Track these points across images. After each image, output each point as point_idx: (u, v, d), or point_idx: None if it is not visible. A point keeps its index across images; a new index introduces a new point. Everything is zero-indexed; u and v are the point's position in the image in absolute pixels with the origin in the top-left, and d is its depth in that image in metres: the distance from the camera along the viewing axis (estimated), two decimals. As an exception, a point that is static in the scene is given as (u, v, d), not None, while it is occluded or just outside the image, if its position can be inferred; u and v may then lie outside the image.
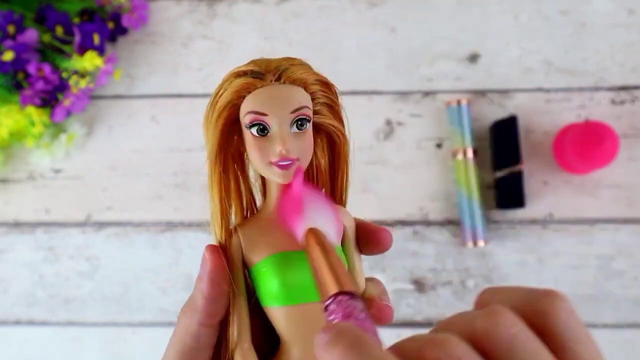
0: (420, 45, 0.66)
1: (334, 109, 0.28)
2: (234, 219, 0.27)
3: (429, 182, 0.64)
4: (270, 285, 0.25)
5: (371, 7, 0.67)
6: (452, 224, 0.64)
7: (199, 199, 0.65)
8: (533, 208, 0.63)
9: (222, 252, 0.26)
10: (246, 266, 0.26)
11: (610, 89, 0.64)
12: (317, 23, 0.67)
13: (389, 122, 0.65)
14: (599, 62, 0.65)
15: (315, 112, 0.27)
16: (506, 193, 0.62)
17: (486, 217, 0.63)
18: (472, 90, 0.65)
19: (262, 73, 0.25)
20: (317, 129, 0.27)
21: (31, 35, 0.58)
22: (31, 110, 0.59)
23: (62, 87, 0.61)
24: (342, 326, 0.19)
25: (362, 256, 0.29)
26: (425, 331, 0.67)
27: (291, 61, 0.26)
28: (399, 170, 0.65)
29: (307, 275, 0.25)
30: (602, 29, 0.65)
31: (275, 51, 0.66)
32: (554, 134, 0.63)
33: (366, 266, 0.65)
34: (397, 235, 0.64)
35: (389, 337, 0.63)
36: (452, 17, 0.66)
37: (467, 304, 0.63)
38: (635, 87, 0.64)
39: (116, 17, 0.65)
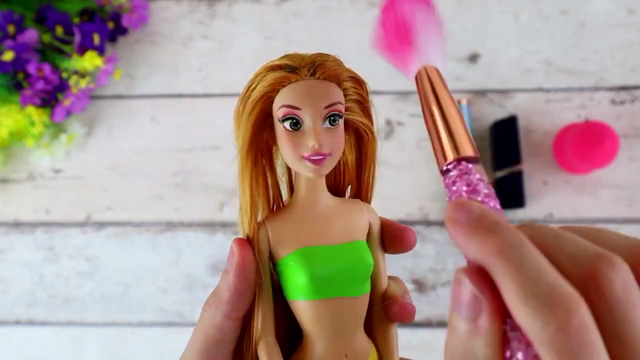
0: (420, 45, 0.66)
1: (364, 106, 0.28)
2: (260, 213, 0.27)
3: (429, 182, 0.64)
4: (297, 279, 0.25)
5: (371, 7, 0.67)
6: (452, 224, 0.64)
7: (199, 199, 0.65)
8: (533, 208, 0.63)
9: (250, 245, 0.26)
10: (272, 260, 0.26)
11: (610, 89, 0.64)
12: (317, 23, 0.67)
13: (389, 122, 0.65)
14: (599, 62, 0.65)
15: (346, 109, 0.27)
16: (506, 193, 0.62)
17: (486, 217, 0.63)
18: (472, 90, 0.65)
19: (297, 67, 0.26)
20: (347, 125, 0.27)
21: (31, 35, 0.58)
22: (31, 110, 0.59)
23: (62, 87, 0.61)
24: (478, 211, 0.19)
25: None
26: (425, 331, 0.67)
27: (325, 57, 0.26)
28: (399, 170, 0.65)
29: (334, 270, 0.25)
30: (602, 29, 0.65)
31: (275, 51, 0.66)
32: (554, 134, 0.63)
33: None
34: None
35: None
36: (452, 17, 0.66)
37: (467, 304, 0.63)
38: (635, 87, 0.64)
39: (116, 17, 0.65)
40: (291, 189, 0.28)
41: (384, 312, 0.27)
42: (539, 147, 0.64)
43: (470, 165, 0.22)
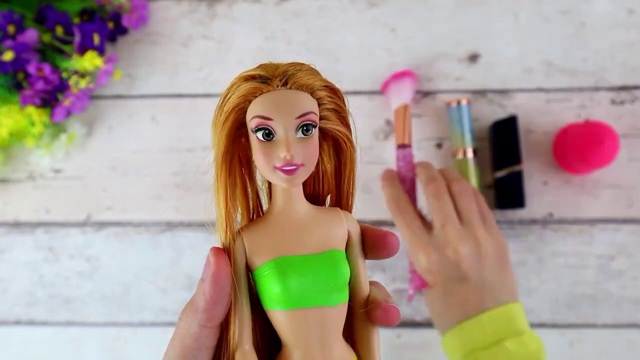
0: (420, 45, 0.66)
1: (341, 115, 0.28)
2: (240, 220, 0.27)
3: (429, 182, 0.64)
4: (272, 289, 0.25)
5: (371, 7, 0.67)
6: (452, 224, 0.64)
7: (199, 199, 0.65)
8: (533, 208, 0.63)
9: (227, 254, 0.26)
10: (249, 269, 0.27)
11: (611, 89, 0.64)
12: (317, 23, 0.67)
13: (389, 122, 0.65)
14: (599, 62, 0.65)
15: (322, 118, 0.27)
16: (506, 193, 0.62)
17: (486, 217, 0.63)
18: (472, 90, 0.65)
19: (269, 78, 0.25)
20: (324, 134, 0.27)
21: (31, 35, 0.58)
22: (31, 110, 0.59)
23: (62, 87, 0.61)
24: (390, 171, 0.57)
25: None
26: (425, 331, 0.67)
27: (299, 66, 0.26)
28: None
29: (309, 280, 0.25)
30: (602, 29, 0.65)
31: (276, 51, 0.66)
32: (554, 134, 0.63)
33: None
34: (397, 236, 0.64)
35: (389, 337, 0.64)
36: (452, 17, 0.66)
37: (467, 304, 0.63)
38: (635, 87, 0.64)
39: (116, 17, 0.65)
40: (270, 197, 0.28)
41: (367, 317, 0.28)
42: (539, 147, 0.64)
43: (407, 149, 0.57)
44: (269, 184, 0.28)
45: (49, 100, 0.61)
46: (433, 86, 0.65)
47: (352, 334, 0.28)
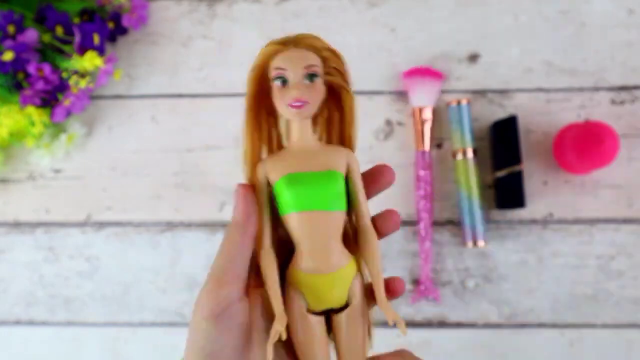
0: (420, 45, 0.66)
1: (341, 72, 0.36)
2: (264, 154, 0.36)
3: (429, 182, 0.64)
4: (285, 196, 0.34)
5: (371, 7, 0.67)
6: (452, 224, 0.64)
7: (199, 199, 0.65)
8: (533, 208, 0.63)
9: (250, 185, 0.35)
10: (270, 187, 0.35)
11: (610, 89, 0.64)
12: (317, 23, 0.67)
13: (389, 122, 0.65)
14: (599, 62, 0.65)
15: (327, 73, 0.35)
16: (506, 193, 0.62)
17: (486, 217, 0.63)
18: (472, 90, 0.65)
19: (285, 42, 0.35)
20: (331, 90, 0.36)
21: (31, 35, 0.58)
22: (31, 110, 0.59)
23: (62, 87, 0.61)
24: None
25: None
26: (425, 331, 0.67)
27: (307, 34, 0.36)
28: (399, 170, 0.65)
29: (312, 189, 0.34)
30: (602, 29, 0.65)
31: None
32: (553, 134, 0.63)
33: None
34: (397, 235, 0.64)
35: (389, 336, 0.64)
36: (452, 17, 0.66)
37: (466, 304, 0.63)
38: (635, 87, 0.64)
39: (116, 17, 0.65)
40: (289, 137, 0.36)
41: (374, 225, 0.37)
42: (539, 147, 0.64)
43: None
44: (288, 127, 0.36)
45: (49, 100, 0.61)
46: (441, 86, 0.65)
47: (357, 242, 0.37)
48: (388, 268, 0.64)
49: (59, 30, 0.61)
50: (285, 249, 0.36)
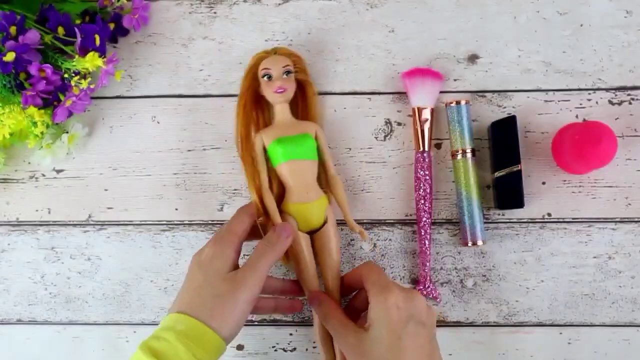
0: (420, 45, 0.66)
1: (304, 70, 0.62)
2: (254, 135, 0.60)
3: (428, 182, 0.64)
4: (277, 152, 0.57)
5: (371, 8, 0.67)
6: (452, 223, 0.64)
7: (199, 199, 0.66)
8: (532, 208, 0.64)
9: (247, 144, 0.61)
10: (265, 150, 0.58)
11: (609, 89, 0.65)
12: (317, 24, 0.67)
13: (388, 122, 0.66)
14: (597, 63, 0.65)
15: (297, 71, 0.61)
16: (505, 193, 0.62)
17: (485, 217, 0.64)
18: (471, 90, 0.65)
19: (268, 52, 0.61)
20: (299, 85, 0.61)
21: (33, 36, 0.59)
22: (33, 110, 0.59)
23: (64, 87, 0.61)
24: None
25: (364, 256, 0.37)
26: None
27: (281, 47, 0.63)
28: (398, 170, 0.65)
29: (294, 146, 0.57)
30: (601, 30, 0.65)
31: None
32: (552, 134, 0.64)
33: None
34: (397, 235, 0.64)
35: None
36: (452, 18, 0.67)
37: (466, 303, 0.63)
38: (633, 88, 0.64)
39: (117, 18, 0.66)
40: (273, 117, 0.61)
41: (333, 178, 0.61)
42: (538, 147, 0.64)
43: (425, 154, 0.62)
44: (272, 111, 0.61)
45: (51, 100, 0.61)
46: (440, 87, 0.65)
47: (328, 188, 0.61)
48: (387, 268, 0.64)
49: (61, 31, 0.61)
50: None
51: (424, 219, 0.62)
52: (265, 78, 0.58)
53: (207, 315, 0.49)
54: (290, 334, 0.64)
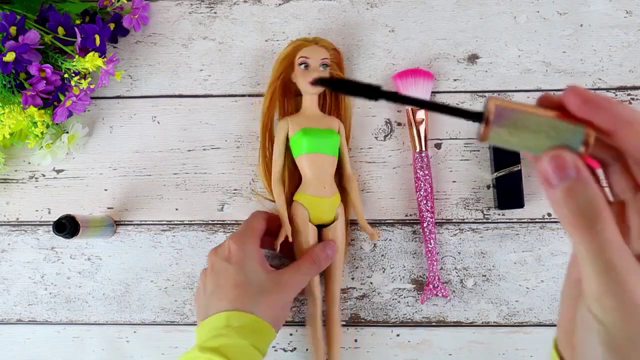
0: (420, 45, 0.66)
1: (340, 65, 0.63)
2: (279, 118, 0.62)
3: (428, 182, 0.64)
4: (301, 142, 0.57)
5: (371, 7, 0.67)
6: (452, 223, 0.64)
7: (199, 199, 0.66)
8: (531, 208, 0.64)
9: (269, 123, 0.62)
10: (288, 138, 0.58)
11: (609, 89, 0.65)
12: (317, 24, 0.67)
13: (388, 122, 0.66)
14: (597, 63, 0.65)
15: (331, 65, 0.60)
16: (505, 193, 0.62)
17: (485, 217, 0.64)
18: (471, 90, 0.65)
19: (309, 40, 0.61)
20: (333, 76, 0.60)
21: (33, 36, 0.59)
22: (33, 110, 0.60)
23: (64, 87, 0.61)
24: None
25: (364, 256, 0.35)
26: (425, 331, 0.67)
27: (322, 38, 0.62)
28: (398, 170, 0.65)
29: (318, 139, 0.57)
30: (601, 30, 0.65)
31: (276, 53, 0.66)
32: (552, 135, 0.64)
33: (365, 265, 0.66)
34: (397, 235, 0.64)
35: (388, 336, 0.64)
36: (452, 18, 0.67)
37: (466, 303, 0.63)
38: (633, 88, 0.64)
39: (117, 18, 0.66)
40: (301, 105, 0.62)
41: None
42: (538, 148, 0.64)
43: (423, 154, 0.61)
44: (301, 99, 0.60)
45: (51, 100, 0.61)
46: (432, 87, 0.65)
47: (344, 186, 0.60)
48: (388, 268, 0.64)
49: (61, 31, 0.61)
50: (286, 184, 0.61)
51: (428, 218, 0.62)
52: (302, 66, 0.58)
53: (259, 310, 0.51)
54: (291, 334, 0.64)
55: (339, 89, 0.28)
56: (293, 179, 0.60)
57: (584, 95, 0.26)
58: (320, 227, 0.59)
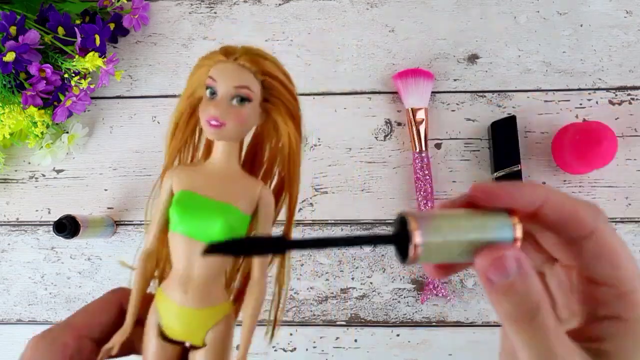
0: (420, 45, 0.66)
1: (290, 110, 0.32)
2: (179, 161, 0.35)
3: (428, 182, 0.64)
4: (173, 212, 0.31)
5: (371, 7, 0.67)
6: (451, 223, 0.64)
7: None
8: (532, 208, 0.64)
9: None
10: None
11: (609, 89, 0.65)
12: (317, 24, 0.67)
13: (388, 122, 0.66)
14: (597, 63, 0.65)
15: (267, 101, 0.32)
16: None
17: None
18: (471, 90, 0.65)
19: (230, 53, 0.32)
20: (275, 123, 0.32)
21: (33, 36, 0.59)
22: (33, 110, 0.60)
23: (64, 87, 0.61)
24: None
25: (364, 256, 0.31)
26: (424, 331, 0.67)
27: (256, 51, 0.32)
28: (398, 170, 0.65)
29: (199, 216, 0.31)
30: (600, 30, 0.65)
31: (276, 52, 0.67)
32: (552, 134, 0.64)
33: (365, 265, 0.65)
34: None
35: (388, 336, 0.64)
36: (452, 18, 0.67)
37: (466, 303, 0.63)
38: (633, 88, 0.64)
39: (117, 18, 0.66)
40: (208, 150, 0.35)
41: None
42: (538, 147, 0.64)
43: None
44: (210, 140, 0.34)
45: (51, 100, 0.61)
46: (432, 87, 0.65)
47: (244, 293, 0.33)
48: (388, 268, 0.64)
49: (61, 32, 0.61)
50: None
51: None
52: (207, 92, 0.31)
53: None
54: (291, 334, 0.64)
55: (237, 252, 0.23)
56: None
57: (487, 188, 0.26)
58: (189, 347, 0.33)
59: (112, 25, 0.65)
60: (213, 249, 0.24)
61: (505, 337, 0.28)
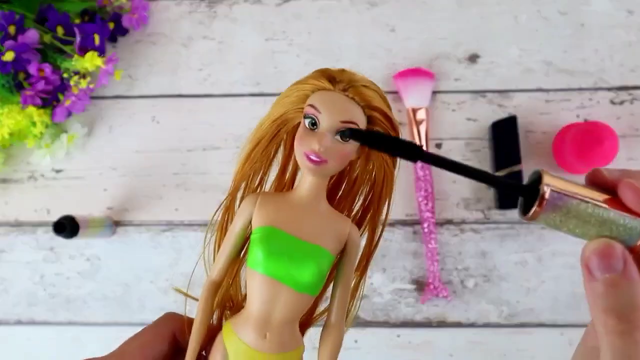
0: (420, 45, 0.66)
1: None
2: (269, 186, 0.32)
3: (429, 182, 0.64)
4: (255, 249, 0.29)
5: (371, 7, 0.67)
6: (452, 223, 0.64)
7: (199, 199, 0.65)
8: (532, 208, 0.63)
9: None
10: (251, 227, 0.30)
11: (610, 89, 0.64)
12: (317, 24, 0.67)
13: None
14: (598, 63, 0.65)
15: None
16: (505, 193, 0.62)
17: (486, 217, 0.63)
18: (472, 90, 0.65)
19: (337, 80, 0.29)
20: (368, 155, 0.30)
21: (32, 35, 0.58)
22: (32, 110, 0.59)
23: (63, 87, 0.61)
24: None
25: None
26: (425, 331, 0.67)
27: (368, 84, 0.29)
28: (399, 170, 0.65)
29: (285, 258, 0.28)
30: (602, 30, 0.65)
31: (276, 53, 0.66)
32: (553, 134, 0.63)
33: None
34: (397, 236, 0.64)
35: (388, 336, 0.64)
36: (452, 18, 0.66)
37: (466, 304, 0.63)
38: (634, 87, 0.64)
39: (117, 17, 0.65)
40: (293, 181, 0.33)
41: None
42: (539, 147, 0.64)
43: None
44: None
45: (50, 100, 0.61)
46: (433, 86, 0.65)
47: (320, 338, 0.31)
48: (388, 268, 0.64)
49: (60, 31, 0.61)
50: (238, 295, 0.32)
51: (429, 219, 0.62)
52: (307, 122, 0.28)
53: None
54: (291, 335, 0.64)
55: (375, 145, 0.22)
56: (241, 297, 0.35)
57: None
58: None
59: (111, 25, 0.65)
60: (354, 134, 0.24)
61: (588, 332, 0.27)
